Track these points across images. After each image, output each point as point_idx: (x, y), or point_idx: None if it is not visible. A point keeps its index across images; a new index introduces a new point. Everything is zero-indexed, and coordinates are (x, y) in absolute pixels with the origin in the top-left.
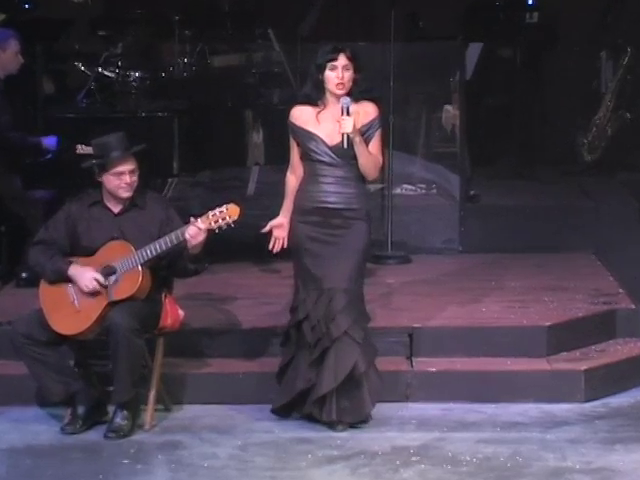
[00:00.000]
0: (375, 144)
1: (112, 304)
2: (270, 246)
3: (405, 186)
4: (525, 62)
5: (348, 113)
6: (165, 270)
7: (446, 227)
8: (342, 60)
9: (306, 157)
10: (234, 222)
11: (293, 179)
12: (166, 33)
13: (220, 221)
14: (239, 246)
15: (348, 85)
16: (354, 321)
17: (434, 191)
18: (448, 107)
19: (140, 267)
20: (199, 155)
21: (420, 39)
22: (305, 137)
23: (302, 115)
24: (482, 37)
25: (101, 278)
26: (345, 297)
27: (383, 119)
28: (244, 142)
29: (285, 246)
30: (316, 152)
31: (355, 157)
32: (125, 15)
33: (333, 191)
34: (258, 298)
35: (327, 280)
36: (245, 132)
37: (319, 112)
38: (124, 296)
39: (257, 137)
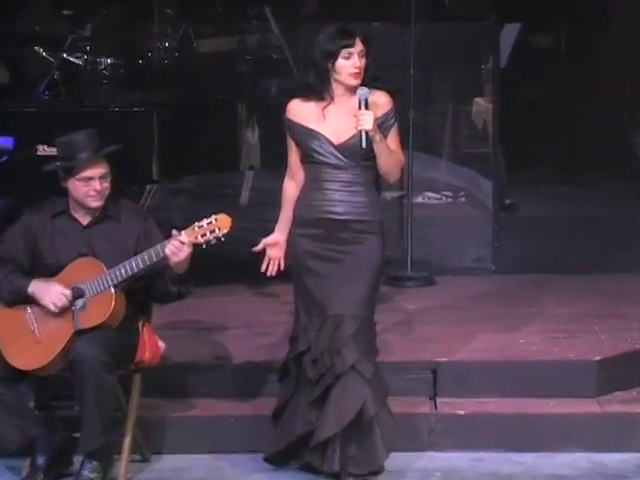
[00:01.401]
0: (394, 139)
1: (79, 333)
2: (263, 268)
3: (428, 194)
4: (571, 47)
5: (367, 106)
6: (143, 293)
7: (477, 242)
8: (358, 45)
9: (307, 159)
10: (225, 236)
11: (292, 186)
12: (143, 12)
13: (208, 234)
14: (230, 265)
15: (362, 74)
16: (363, 354)
17: (462, 200)
18: (479, 100)
19: (113, 289)
20: (183, 157)
21: (445, 19)
22: (306, 136)
23: (302, 110)
24: (519, 17)
25: (70, 295)
26: (353, 325)
27: (402, 114)
28: (236, 142)
29: (281, 268)
30: (319, 153)
31: (366, 158)
32: None
33: (340, 199)
34: (252, 327)
35: (332, 305)
36: (238, 130)
37: (325, 107)
38: (94, 324)
39: (252, 136)
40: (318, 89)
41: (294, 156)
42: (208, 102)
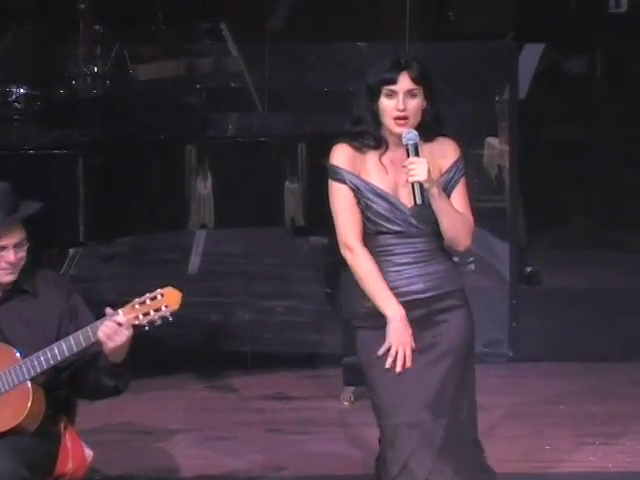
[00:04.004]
0: (461, 197)
1: None
2: (389, 364)
3: None
4: (608, 73)
5: (417, 153)
6: (67, 388)
7: (490, 322)
8: (405, 82)
9: (365, 227)
10: (173, 315)
11: (367, 259)
12: (66, 29)
13: (152, 313)
14: (176, 350)
15: (415, 119)
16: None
17: (471, 267)
18: (492, 141)
19: (29, 384)
20: (116, 213)
21: (450, 38)
22: (368, 194)
23: (355, 159)
24: (543, 35)
25: None
26: (459, 432)
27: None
28: (184, 194)
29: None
30: (387, 219)
31: (437, 220)
32: (4, 2)
33: (418, 273)
34: (204, 430)
35: (430, 407)
36: (186, 179)
37: (382, 154)
38: (5, 428)
39: (204, 186)
40: (374, 134)
41: (358, 217)
42: (148, 143)
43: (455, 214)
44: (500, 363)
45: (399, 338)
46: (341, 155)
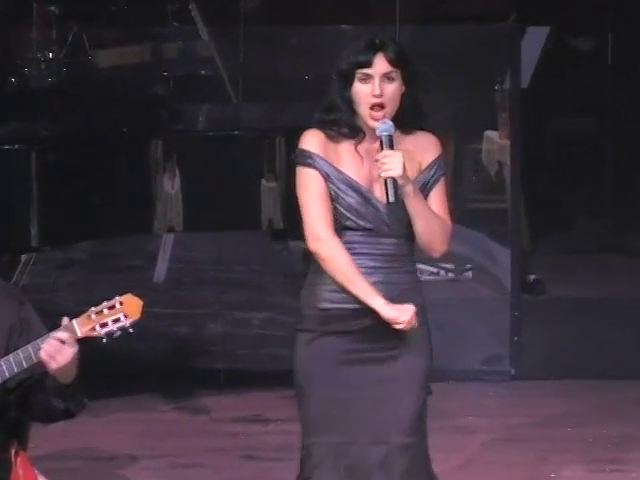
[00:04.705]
0: (439, 198)
1: None
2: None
3: (420, 267)
4: (622, 57)
5: (392, 146)
6: (15, 410)
7: (489, 336)
8: (381, 64)
9: (335, 222)
10: (133, 326)
11: (340, 249)
12: (17, 10)
13: (110, 324)
14: (140, 367)
15: (392, 106)
16: None
17: (469, 275)
18: (492, 135)
19: None
20: (74, 215)
21: (444, 19)
22: (339, 183)
23: (328, 146)
24: (548, 16)
25: None
26: (406, 458)
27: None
28: (150, 193)
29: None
30: (358, 213)
31: (411, 223)
32: None
33: (382, 280)
34: (173, 456)
35: (370, 430)
36: (152, 177)
37: (358, 143)
38: None
39: (171, 185)
40: (348, 122)
41: (328, 205)
42: (109, 138)
43: (431, 216)
44: (500, 381)
45: (399, 310)
46: (312, 140)
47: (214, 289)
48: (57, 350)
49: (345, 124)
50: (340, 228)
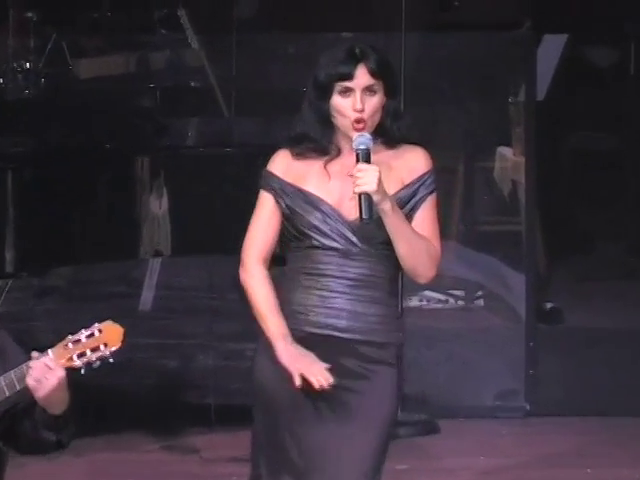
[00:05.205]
0: (427, 219)
1: None
2: (317, 383)
3: (427, 294)
4: None
5: (368, 160)
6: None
7: (503, 369)
8: (362, 77)
9: (298, 241)
10: (114, 355)
11: (262, 280)
12: None
13: (88, 353)
14: (125, 402)
15: (373, 120)
16: None
17: (480, 303)
18: (505, 151)
19: None
20: (53, 239)
21: (453, 27)
22: (301, 202)
23: (295, 167)
24: (566, 25)
25: None
26: None
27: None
28: (135, 214)
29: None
30: (322, 232)
31: (387, 241)
32: None
33: (346, 308)
34: None
35: (322, 471)
36: (137, 197)
37: (328, 161)
38: None
39: (158, 205)
40: (318, 138)
41: (273, 231)
42: (92, 155)
43: (414, 238)
44: (515, 418)
45: (292, 358)
46: (277, 162)
47: (205, 318)
48: (43, 374)
49: (314, 141)
50: (304, 247)
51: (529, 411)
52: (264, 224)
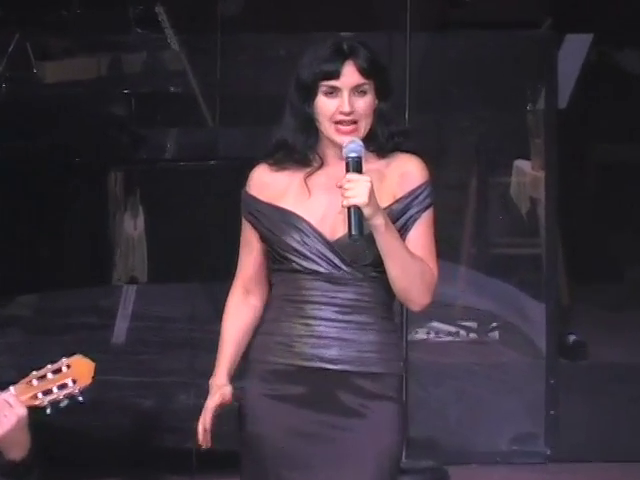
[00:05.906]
0: (422, 237)
1: None
2: (201, 439)
3: (435, 325)
4: None
5: (360, 169)
6: None
7: (521, 409)
8: (351, 75)
9: (278, 264)
10: (83, 392)
11: (245, 307)
12: None
13: (55, 391)
14: (99, 448)
15: (365, 124)
16: None
17: (495, 336)
18: (522, 165)
19: None
20: (14, 264)
21: (464, 26)
22: (278, 222)
23: (274, 182)
24: (590, 24)
25: None
26: None
27: None
28: (107, 236)
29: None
30: (301, 253)
31: (376, 263)
32: None
33: (335, 336)
34: None
35: None
36: (109, 216)
37: (310, 174)
38: None
39: (133, 226)
40: (300, 147)
41: (252, 258)
42: (58, 168)
43: (409, 260)
44: (535, 464)
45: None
46: (254, 179)
47: (185, 353)
48: (1, 412)
49: (293, 149)
50: (288, 271)
51: (549, 456)
52: (245, 251)
